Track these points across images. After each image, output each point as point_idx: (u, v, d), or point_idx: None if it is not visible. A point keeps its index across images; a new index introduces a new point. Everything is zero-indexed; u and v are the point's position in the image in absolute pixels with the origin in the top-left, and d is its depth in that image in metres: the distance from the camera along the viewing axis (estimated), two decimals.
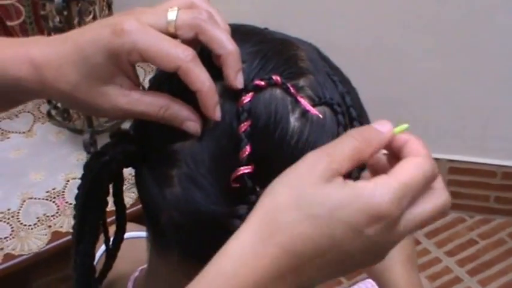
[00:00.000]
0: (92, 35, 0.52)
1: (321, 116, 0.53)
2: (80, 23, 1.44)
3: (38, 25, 1.70)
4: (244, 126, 0.51)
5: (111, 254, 0.67)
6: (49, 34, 1.63)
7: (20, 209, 1.44)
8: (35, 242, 1.37)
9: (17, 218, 1.42)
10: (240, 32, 0.55)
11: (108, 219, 0.66)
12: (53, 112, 1.63)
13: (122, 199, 0.65)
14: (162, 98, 0.53)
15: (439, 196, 0.48)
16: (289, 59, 0.55)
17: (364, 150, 0.48)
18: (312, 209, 0.46)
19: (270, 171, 0.51)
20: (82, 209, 0.63)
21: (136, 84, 0.54)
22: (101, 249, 0.85)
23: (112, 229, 0.70)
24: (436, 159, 2.09)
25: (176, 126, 0.53)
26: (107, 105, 0.54)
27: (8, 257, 1.35)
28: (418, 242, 2.06)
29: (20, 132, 1.60)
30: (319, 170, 0.47)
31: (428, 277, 1.93)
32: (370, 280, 1.11)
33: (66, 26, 1.43)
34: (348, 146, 0.48)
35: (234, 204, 0.51)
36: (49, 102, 1.65)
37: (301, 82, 0.54)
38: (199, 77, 0.51)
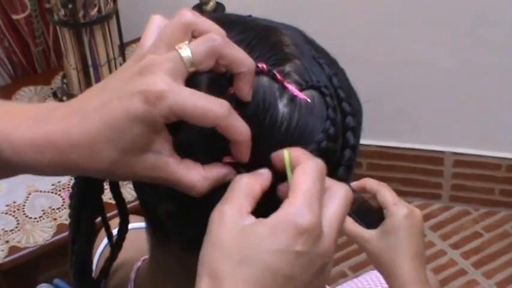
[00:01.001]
0: (120, 108, 0.48)
1: (309, 100, 0.53)
2: (85, 16, 1.45)
3: (43, 18, 1.70)
4: None
5: (117, 244, 0.68)
6: (55, 28, 1.64)
7: (25, 202, 1.45)
8: (41, 235, 1.38)
9: (23, 211, 1.43)
10: (222, 22, 0.54)
11: (110, 214, 0.67)
12: None
13: (120, 193, 0.65)
14: (197, 173, 0.51)
15: (337, 189, 0.51)
16: (274, 45, 0.55)
17: (255, 185, 0.50)
18: (241, 253, 0.47)
19: (262, 157, 0.52)
20: (77, 208, 0.64)
21: (170, 142, 0.51)
22: (105, 241, 0.86)
23: (113, 222, 0.71)
24: (441, 152, 2.10)
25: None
26: (149, 173, 0.51)
27: (14, 249, 1.36)
28: None
29: None
30: (229, 218, 0.48)
31: (433, 269, 1.93)
32: (374, 272, 1.12)
33: (71, 19, 1.44)
34: (239, 186, 0.50)
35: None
36: (54, 96, 1.66)
37: (287, 68, 0.54)
38: (238, 129, 0.50)
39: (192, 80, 0.50)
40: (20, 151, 0.51)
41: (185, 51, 0.49)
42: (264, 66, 0.53)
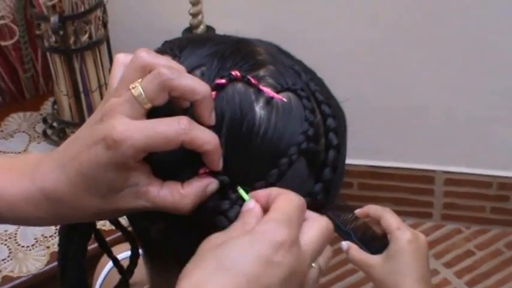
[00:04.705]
0: (89, 158, 0.50)
1: (285, 99, 0.53)
2: (76, 43, 1.44)
3: (32, 45, 1.70)
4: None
5: (129, 270, 0.68)
6: (44, 54, 1.63)
7: (17, 230, 1.43)
8: (34, 264, 1.37)
9: (15, 239, 1.41)
10: (196, 39, 0.56)
11: (110, 238, 0.67)
12: (49, 132, 1.62)
13: (118, 221, 0.66)
14: (177, 192, 0.52)
15: (317, 218, 0.52)
16: (247, 55, 0.55)
17: (251, 224, 0.50)
18: (219, 261, 0.48)
19: (242, 163, 0.52)
20: (65, 237, 0.64)
21: (147, 171, 0.52)
22: (108, 265, 0.85)
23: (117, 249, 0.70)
24: (432, 171, 2.10)
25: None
26: (132, 206, 0.52)
27: (6, 279, 1.34)
28: None
29: (15, 152, 1.59)
30: (215, 239, 0.50)
31: None
32: None
33: (62, 45, 1.43)
34: (237, 228, 0.51)
35: (216, 202, 0.52)
36: (44, 121, 1.65)
37: (262, 72, 0.54)
38: (203, 140, 0.50)
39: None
40: (14, 207, 0.54)
41: (137, 90, 0.50)
42: (238, 73, 0.53)
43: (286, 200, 0.50)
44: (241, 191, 0.52)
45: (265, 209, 0.51)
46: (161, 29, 1.42)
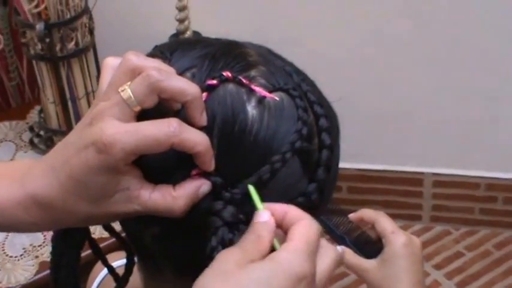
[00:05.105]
0: (80, 163, 0.50)
1: (277, 98, 0.53)
2: (62, 50, 1.43)
3: (17, 52, 1.68)
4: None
5: (124, 278, 0.67)
6: (29, 62, 1.61)
7: (5, 240, 1.42)
8: (22, 274, 1.35)
9: (3, 250, 1.40)
10: (186, 42, 0.56)
11: (103, 244, 0.66)
12: (36, 140, 1.61)
13: (112, 228, 0.65)
14: (168, 195, 0.51)
15: (330, 250, 0.52)
16: (238, 56, 0.55)
17: (265, 239, 0.50)
18: (242, 286, 0.47)
19: (235, 163, 0.52)
20: (58, 245, 0.64)
21: (138, 175, 0.52)
22: (102, 273, 0.84)
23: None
24: (421, 173, 2.11)
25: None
26: (124, 210, 0.52)
27: None
28: None
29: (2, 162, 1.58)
30: (232, 255, 0.48)
31: None
32: None
33: (48, 53, 1.42)
34: (253, 242, 0.50)
35: (209, 203, 0.52)
36: (31, 130, 1.64)
37: (253, 73, 0.54)
38: (194, 141, 0.50)
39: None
40: (6, 212, 0.54)
41: (126, 93, 0.50)
42: (229, 73, 0.53)
43: (308, 228, 0.50)
44: (253, 191, 0.51)
45: (278, 225, 0.51)
46: (148, 35, 1.41)
